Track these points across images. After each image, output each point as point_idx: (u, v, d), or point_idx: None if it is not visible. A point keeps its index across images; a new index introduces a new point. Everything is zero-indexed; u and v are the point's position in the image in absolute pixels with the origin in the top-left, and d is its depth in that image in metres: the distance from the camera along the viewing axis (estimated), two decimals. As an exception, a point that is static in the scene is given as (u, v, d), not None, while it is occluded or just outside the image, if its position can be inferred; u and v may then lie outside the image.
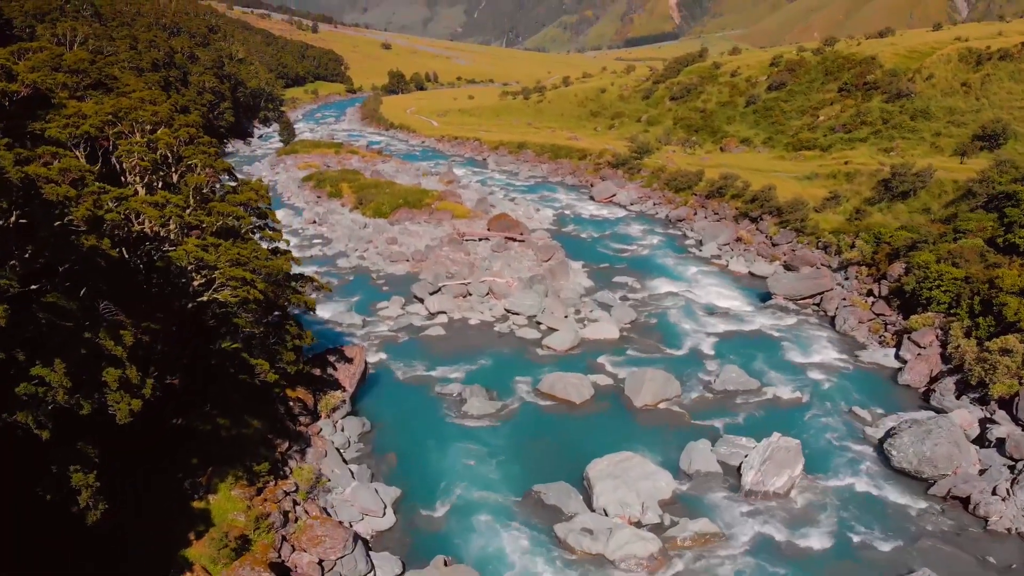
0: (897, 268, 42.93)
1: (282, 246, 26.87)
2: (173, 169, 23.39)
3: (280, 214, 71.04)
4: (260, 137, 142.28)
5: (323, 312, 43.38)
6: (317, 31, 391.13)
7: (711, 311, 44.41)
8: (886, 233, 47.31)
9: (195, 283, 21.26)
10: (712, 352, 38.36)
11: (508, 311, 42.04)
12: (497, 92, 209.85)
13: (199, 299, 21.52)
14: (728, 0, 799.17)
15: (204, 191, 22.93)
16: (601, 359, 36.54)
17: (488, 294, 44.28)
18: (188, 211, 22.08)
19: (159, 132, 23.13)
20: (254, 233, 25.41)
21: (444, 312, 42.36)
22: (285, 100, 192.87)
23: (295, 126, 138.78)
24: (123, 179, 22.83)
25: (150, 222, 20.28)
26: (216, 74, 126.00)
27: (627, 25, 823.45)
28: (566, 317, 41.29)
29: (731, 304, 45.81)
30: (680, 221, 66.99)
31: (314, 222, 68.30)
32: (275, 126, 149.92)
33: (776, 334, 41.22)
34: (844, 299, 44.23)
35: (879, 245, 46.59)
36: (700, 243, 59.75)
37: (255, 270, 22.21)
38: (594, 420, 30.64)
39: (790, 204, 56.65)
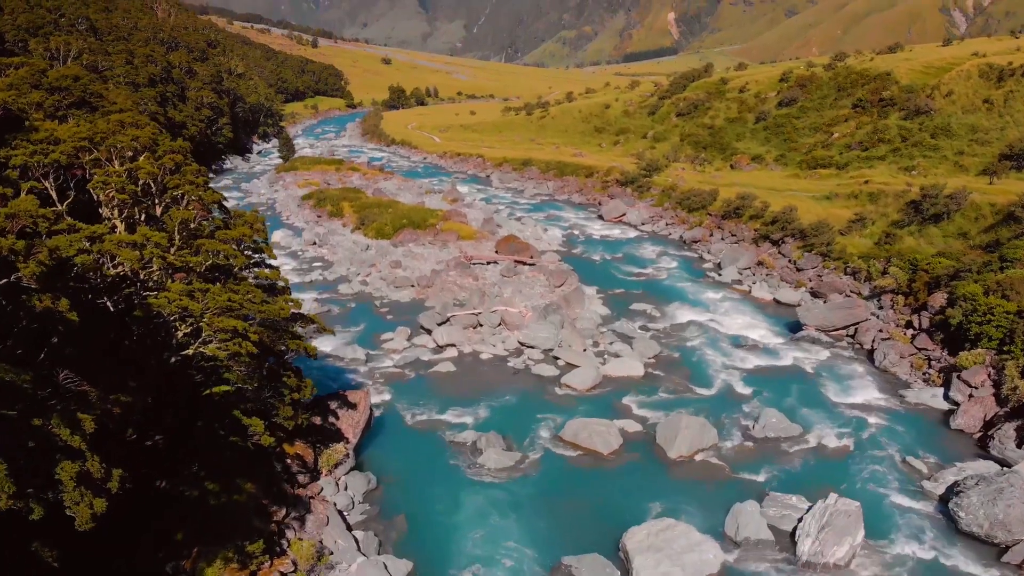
0: (938, 299, 40.18)
1: (280, 284, 24.01)
2: (156, 201, 20.62)
3: (279, 235, 68.46)
4: (259, 153, 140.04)
5: (323, 345, 40.45)
6: (317, 46, 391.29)
7: (739, 343, 41.55)
8: (922, 259, 44.62)
9: (179, 335, 18.43)
10: (746, 391, 35.46)
11: (522, 344, 39.15)
12: (498, 107, 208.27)
13: (184, 352, 18.67)
14: (726, 16, 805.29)
15: (192, 226, 20.16)
16: (627, 400, 33.62)
17: (500, 325, 41.42)
18: (172, 250, 19.27)
19: (140, 160, 20.39)
20: (249, 270, 22.58)
21: (454, 345, 39.48)
22: (285, 115, 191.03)
23: (295, 141, 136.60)
24: (101, 212, 20.06)
25: (127, 264, 17.46)
26: (214, 89, 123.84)
27: (626, 41, 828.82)
28: (584, 351, 38.41)
29: (759, 335, 42.97)
30: (695, 242, 64.31)
31: (314, 243, 65.56)
32: (274, 141, 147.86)
33: (811, 370, 38.35)
34: (881, 331, 41.43)
35: (916, 273, 43.85)
36: (719, 266, 57.02)
37: (248, 316, 19.38)
38: (625, 475, 27.67)
39: (814, 227, 54.01)
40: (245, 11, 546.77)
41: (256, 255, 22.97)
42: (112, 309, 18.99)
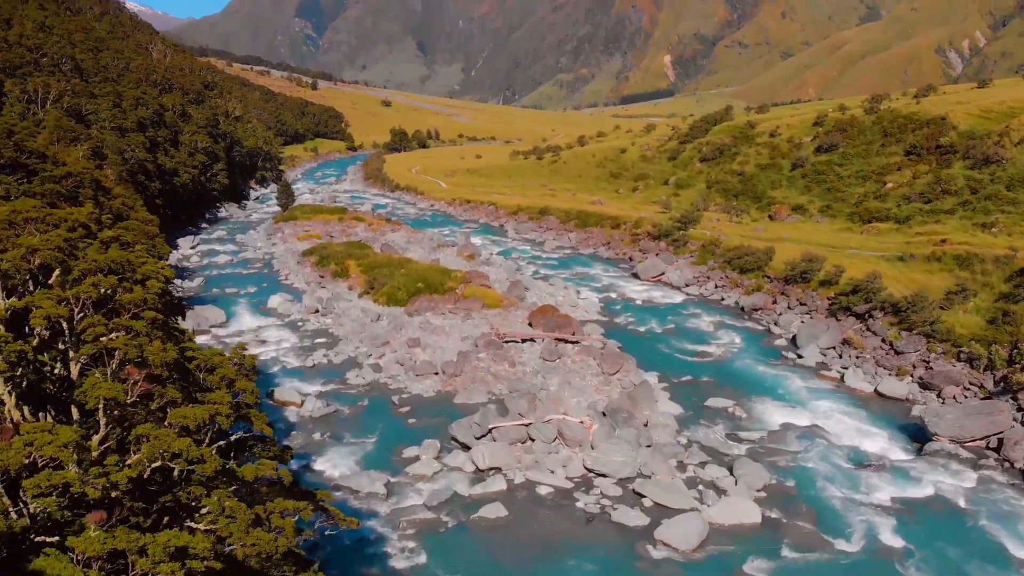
0: (1116, 406, 31.63)
1: (286, 480, 15.13)
2: (72, 355, 12.22)
3: (276, 300, 59.64)
4: (256, 199, 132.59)
5: (330, 468, 31.62)
6: (317, 88, 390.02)
7: (860, 461, 32.74)
8: (1072, 349, 36.22)
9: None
10: (897, 543, 26.52)
11: (590, 471, 30.23)
12: (504, 150, 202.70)
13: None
14: (721, 58, 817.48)
15: (129, 399, 11.73)
16: (749, 568, 24.61)
17: (556, 439, 32.57)
18: (92, 451, 10.67)
19: (57, 280, 11.96)
20: (238, 454, 13.95)
21: (499, 469, 30.56)
22: (284, 158, 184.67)
23: (294, 186, 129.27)
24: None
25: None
26: (210, 133, 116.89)
27: (622, 83, 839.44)
28: (672, 480, 29.54)
29: (879, 448, 34.20)
30: (756, 311, 55.92)
31: (316, 311, 56.92)
32: (273, 187, 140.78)
33: (964, 504, 29.51)
34: (1037, 444, 32.74)
35: (1068, 367, 35.41)
36: (794, 343, 48.53)
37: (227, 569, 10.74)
38: None
39: (910, 299, 45.69)
40: (244, 53, 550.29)
41: (241, 426, 14.36)
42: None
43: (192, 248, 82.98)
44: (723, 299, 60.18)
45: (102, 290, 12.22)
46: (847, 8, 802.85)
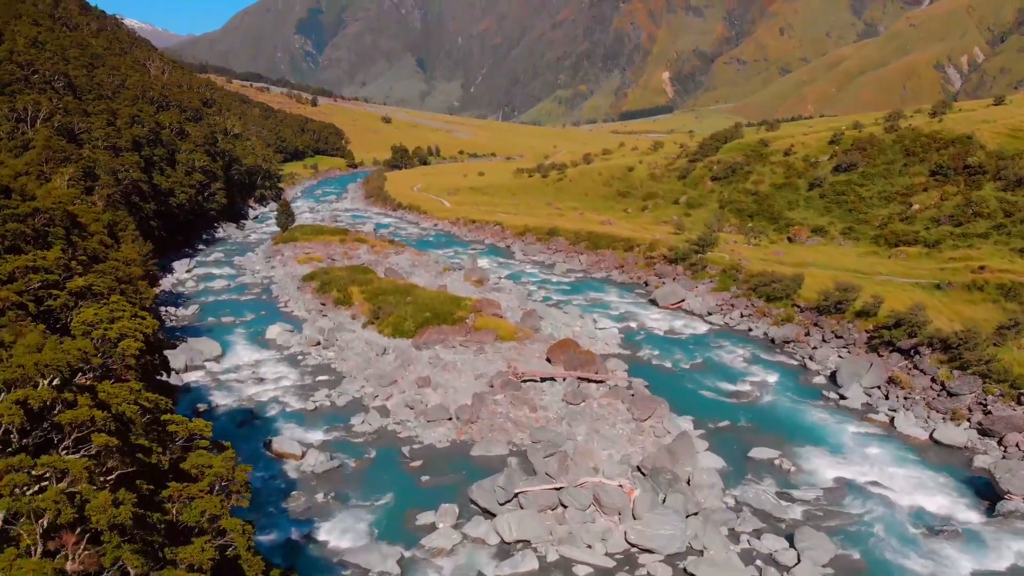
0: None
1: None
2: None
3: (274, 330, 55.87)
4: (255, 218, 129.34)
5: (336, 537, 27.98)
6: (316, 104, 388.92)
7: (928, 525, 29.15)
8: None
9: None
10: (994, 637, 22.95)
11: (634, 545, 26.58)
12: (506, 167, 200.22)
13: None
14: (720, 74, 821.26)
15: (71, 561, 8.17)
16: (832, 674, 20.97)
17: (592, 506, 28.92)
18: None
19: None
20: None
21: (528, 543, 26.89)
22: (283, 176, 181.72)
23: (294, 204, 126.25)
24: None
25: None
26: (208, 151, 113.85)
27: (621, 99, 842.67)
28: (727, 555, 25.90)
29: (945, 507, 30.61)
30: (788, 343, 52.47)
31: (318, 343, 53.35)
32: (272, 205, 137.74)
33: (1057, 579, 25.95)
34: None
35: None
36: (834, 380, 45.04)
37: None
38: None
39: (962, 335, 42.26)
40: (244, 70, 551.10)
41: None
42: None
43: (187, 272, 79.48)
44: (750, 330, 56.71)
45: (32, 407, 8.84)
46: (845, 24, 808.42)
